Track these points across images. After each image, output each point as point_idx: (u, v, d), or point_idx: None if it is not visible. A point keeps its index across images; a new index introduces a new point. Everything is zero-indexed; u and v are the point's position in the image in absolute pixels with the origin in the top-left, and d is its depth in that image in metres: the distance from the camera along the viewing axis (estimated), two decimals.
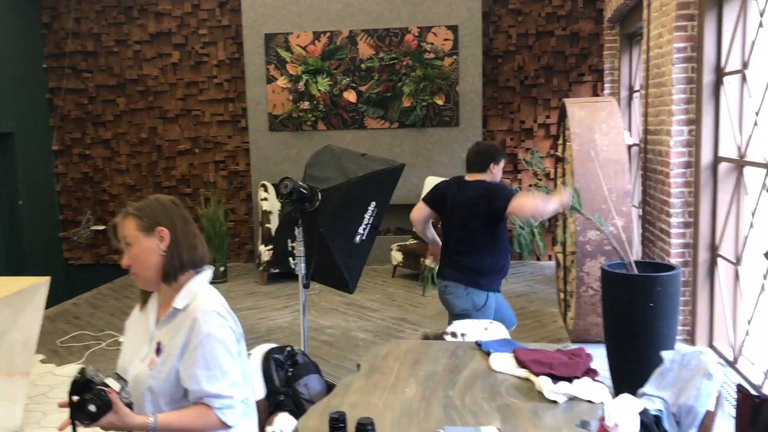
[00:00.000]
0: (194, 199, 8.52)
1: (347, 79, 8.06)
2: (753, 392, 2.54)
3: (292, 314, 6.34)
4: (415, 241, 7.63)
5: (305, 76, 8.07)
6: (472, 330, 3.31)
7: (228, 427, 1.87)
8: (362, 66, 8.02)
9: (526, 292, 6.96)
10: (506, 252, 4.00)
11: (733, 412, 2.68)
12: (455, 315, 3.86)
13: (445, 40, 7.90)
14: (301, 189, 3.63)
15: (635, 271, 4.00)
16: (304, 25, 8.05)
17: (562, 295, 5.99)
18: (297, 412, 2.62)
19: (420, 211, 4.13)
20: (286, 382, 2.77)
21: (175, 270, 1.93)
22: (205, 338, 1.84)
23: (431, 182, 7.81)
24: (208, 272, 2.03)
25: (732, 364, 4.39)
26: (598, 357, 3.43)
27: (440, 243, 4.14)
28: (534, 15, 8.01)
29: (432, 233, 4.21)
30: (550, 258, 8.15)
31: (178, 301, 1.92)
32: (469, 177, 4.04)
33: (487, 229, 3.86)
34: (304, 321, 3.88)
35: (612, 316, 4.05)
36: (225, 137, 8.68)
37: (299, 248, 3.71)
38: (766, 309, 4.11)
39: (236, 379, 1.87)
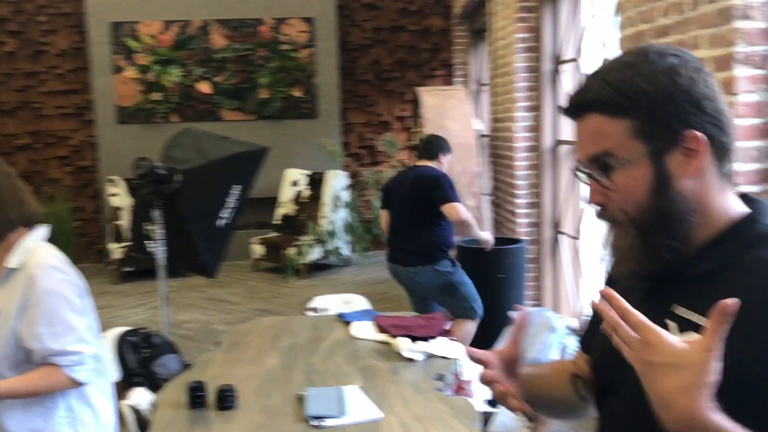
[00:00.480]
0: (37, 197, 7.97)
1: (201, 69, 7.86)
2: None
3: (147, 311, 6.09)
4: (275, 234, 7.58)
5: (156, 66, 7.79)
6: (333, 304, 3.35)
7: (80, 384, 1.77)
8: (216, 57, 7.85)
9: (388, 279, 7.09)
10: (450, 228, 4.14)
11: None
12: (433, 297, 4.06)
13: (301, 32, 7.91)
14: (159, 170, 3.51)
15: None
16: (154, 13, 7.77)
17: None
18: (155, 392, 2.54)
19: (385, 219, 4.31)
20: (142, 364, 2.68)
21: (3, 228, 1.81)
22: (43, 294, 1.74)
23: (291, 175, 7.80)
24: (42, 229, 1.92)
25: (575, 331, 4.72)
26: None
27: None
28: (387, 10, 8.20)
29: None
30: None
31: (12, 261, 1.80)
32: (420, 162, 4.24)
33: (434, 210, 3.96)
34: (166, 311, 3.74)
35: None
36: (69, 131, 8.18)
37: (157, 232, 3.58)
38: (601, 279, 4.45)
39: (83, 334, 1.78)
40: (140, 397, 2.27)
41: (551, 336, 2.72)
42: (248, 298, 6.51)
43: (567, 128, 4.98)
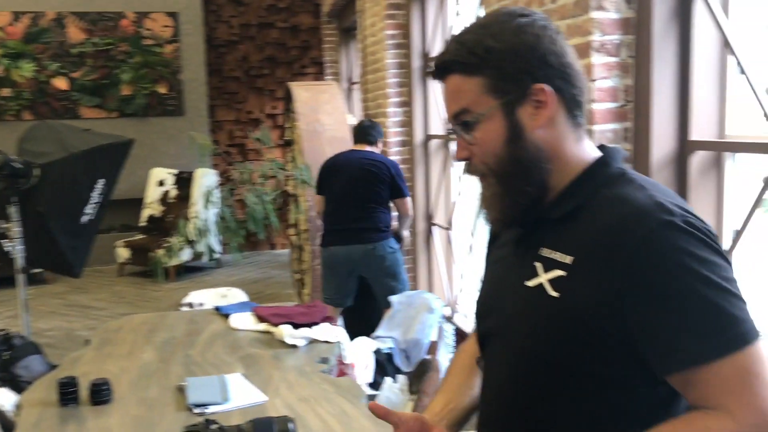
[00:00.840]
0: None
1: (56, 64, 7.40)
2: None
3: (2, 321, 5.65)
4: (142, 236, 7.27)
5: (5, 60, 7.25)
6: (210, 299, 3.26)
7: None
8: (73, 51, 7.42)
9: (263, 278, 7.02)
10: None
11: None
12: (385, 272, 3.99)
13: (165, 26, 7.64)
14: (14, 163, 3.27)
15: None
16: (1, 3, 7.23)
17: (297, 276, 6.14)
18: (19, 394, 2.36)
19: (320, 203, 4.30)
20: (2, 367, 2.49)
21: None
22: None
23: (157, 174, 7.51)
24: None
25: (449, 320, 4.86)
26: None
27: None
28: (255, 6, 8.08)
29: None
30: (284, 246, 8.29)
31: None
32: (359, 147, 4.26)
33: (386, 194, 4.12)
34: (26, 318, 3.47)
35: None
36: None
37: (14, 231, 3.33)
38: (473, 268, 4.62)
39: None
40: (2, 398, 2.10)
41: (430, 316, 2.79)
42: (114, 304, 6.20)
43: (437, 123, 5.14)
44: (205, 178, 7.12)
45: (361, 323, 3.95)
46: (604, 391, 0.96)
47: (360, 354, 2.68)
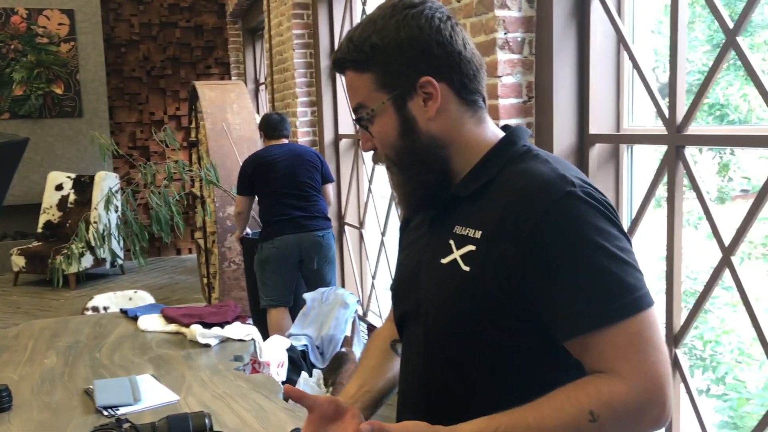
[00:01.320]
0: None
1: None
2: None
3: None
4: (39, 243, 6.93)
5: None
6: (115, 302, 3.15)
7: None
8: None
9: (169, 284, 6.83)
10: None
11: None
12: (328, 261, 4.06)
13: (60, 24, 7.31)
14: None
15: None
16: None
17: (205, 280, 6.01)
18: None
19: (245, 203, 4.19)
20: None
21: None
22: None
23: (55, 178, 7.17)
24: None
25: (362, 318, 4.89)
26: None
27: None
28: (156, 5, 7.86)
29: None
30: (190, 251, 8.10)
31: None
32: (278, 141, 4.23)
33: (319, 180, 4.19)
34: None
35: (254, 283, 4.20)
36: None
37: None
38: (385, 266, 4.67)
39: None
40: None
41: (344, 312, 2.80)
42: (9, 314, 5.87)
43: (347, 122, 5.15)
44: (106, 182, 6.85)
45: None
46: (514, 360, 1.00)
47: (274, 352, 2.66)
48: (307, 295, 2.99)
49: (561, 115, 2.45)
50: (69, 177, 7.14)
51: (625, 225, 2.39)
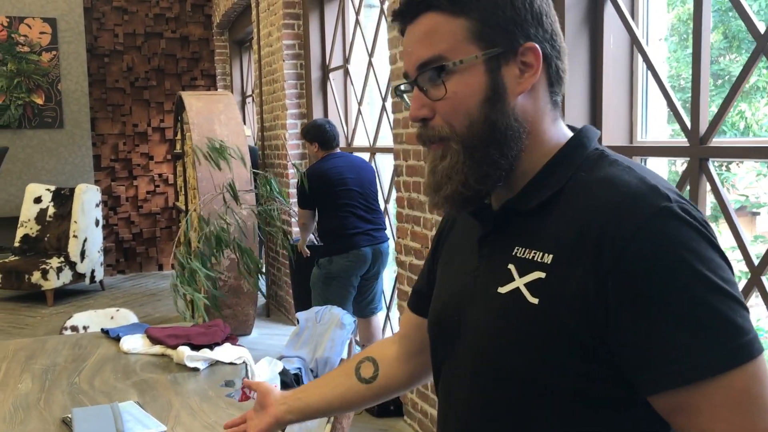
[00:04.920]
0: None
1: None
2: None
3: None
4: (15, 258, 6.69)
5: None
6: (96, 321, 2.97)
7: None
8: None
9: (150, 301, 6.62)
10: None
11: None
12: (381, 273, 4.02)
13: (42, 33, 7.13)
14: None
15: None
16: None
17: (187, 298, 5.81)
18: None
19: (309, 216, 4.10)
20: None
21: None
22: None
23: (34, 191, 6.95)
24: None
25: (357, 342, 4.72)
26: None
27: None
28: (141, 15, 7.70)
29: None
30: (172, 267, 7.89)
31: None
32: (333, 151, 4.08)
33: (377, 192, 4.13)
34: None
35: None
36: None
37: None
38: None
39: None
40: None
41: (341, 333, 2.64)
42: None
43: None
44: (87, 194, 6.65)
45: None
46: (588, 413, 0.81)
47: (265, 376, 2.49)
48: (300, 315, 2.83)
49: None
50: (48, 189, 6.93)
51: None
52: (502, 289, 0.86)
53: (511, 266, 0.86)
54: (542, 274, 0.82)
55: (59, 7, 7.17)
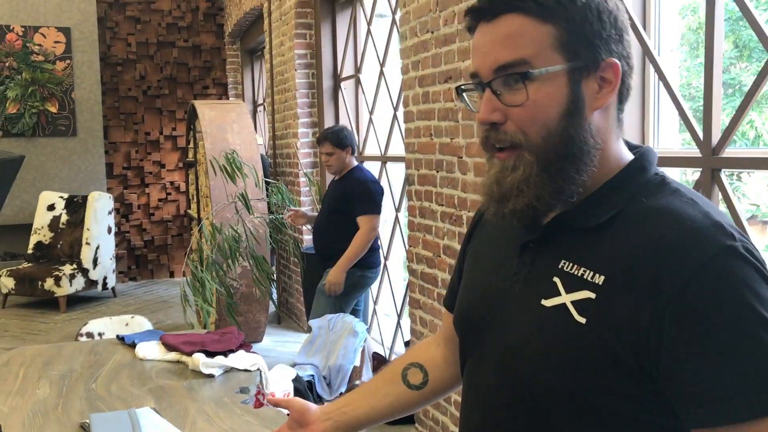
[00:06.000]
0: None
1: None
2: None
3: None
4: (29, 264, 6.75)
5: None
6: (111, 328, 3.00)
7: None
8: None
9: (162, 308, 6.66)
10: None
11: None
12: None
13: (56, 42, 7.21)
14: None
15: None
16: None
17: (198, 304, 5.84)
18: None
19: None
20: None
21: None
22: None
23: (47, 198, 7.01)
24: None
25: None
26: None
27: None
28: (154, 24, 7.78)
29: None
30: (184, 274, 7.93)
31: None
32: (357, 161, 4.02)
33: None
34: None
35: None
36: None
37: None
38: (387, 292, 4.54)
39: None
40: None
41: (354, 340, 2.66)
42: None
43: None
44: (100, 202, 6.70)
45: None
46: None
47: (278, 383, 2.51)
48: (313, 322, 2.85)
49: None
50: (61, 197, 6.99)
51: None
52: (547, 302, 0.85)
53: (556, 279, 0.85)
54: (592, 294, 0.81)
55: (73, 16, 7.25)
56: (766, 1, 3.62)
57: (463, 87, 0.92)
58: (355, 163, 3.99)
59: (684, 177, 2.49)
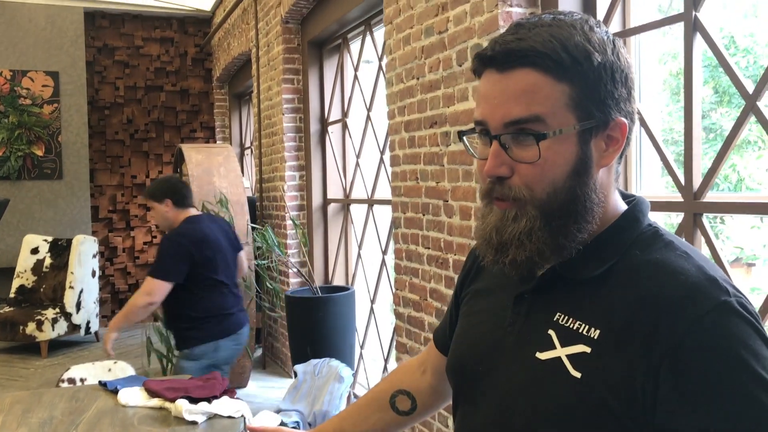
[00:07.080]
0: None
1: None
2: None
3: None
4: (11, 309, 6.66)
5: None
6: (93, 373, 2.96)
7: None
8: None
9: (145, 352, 6.56)
10: None
11: None
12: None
13: (44, 86, 7.24)
14: None
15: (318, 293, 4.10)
16: None
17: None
18: None
19: (166, 290, 3.34)
20: None
21: None
22: None
23: (31, 241, 6.96)
24: None
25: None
26: None
27: None
28: (142, 69, 7.84)
29: None
30: None
31: None
32: (194, 212, 3.55)
33: None
34: None
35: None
36: None
37: None
38: (374, 335, 4.51)
39: None
40: None
41: (339, 386, 2.63)
42: None
43: (335, 187, 5.07)
44: (84, 245, 6.66)
45: None
46: None
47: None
48: (298, 368, 2.82)
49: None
50: (45, 240, 6.93)
51: None
52: (542, 355, 0.84)
53: (551, 332, 0.85)
54: (587, 349, 0.81)
55: (62, 60, 7.29)
56: (744, 49, 3.72)
57: (464, 131, 0.92)
58: (192, 214, 3.52)
59: (668, 220, 2.51)
